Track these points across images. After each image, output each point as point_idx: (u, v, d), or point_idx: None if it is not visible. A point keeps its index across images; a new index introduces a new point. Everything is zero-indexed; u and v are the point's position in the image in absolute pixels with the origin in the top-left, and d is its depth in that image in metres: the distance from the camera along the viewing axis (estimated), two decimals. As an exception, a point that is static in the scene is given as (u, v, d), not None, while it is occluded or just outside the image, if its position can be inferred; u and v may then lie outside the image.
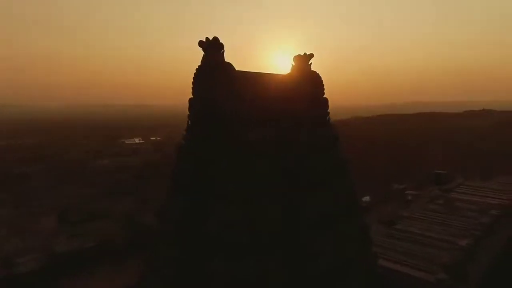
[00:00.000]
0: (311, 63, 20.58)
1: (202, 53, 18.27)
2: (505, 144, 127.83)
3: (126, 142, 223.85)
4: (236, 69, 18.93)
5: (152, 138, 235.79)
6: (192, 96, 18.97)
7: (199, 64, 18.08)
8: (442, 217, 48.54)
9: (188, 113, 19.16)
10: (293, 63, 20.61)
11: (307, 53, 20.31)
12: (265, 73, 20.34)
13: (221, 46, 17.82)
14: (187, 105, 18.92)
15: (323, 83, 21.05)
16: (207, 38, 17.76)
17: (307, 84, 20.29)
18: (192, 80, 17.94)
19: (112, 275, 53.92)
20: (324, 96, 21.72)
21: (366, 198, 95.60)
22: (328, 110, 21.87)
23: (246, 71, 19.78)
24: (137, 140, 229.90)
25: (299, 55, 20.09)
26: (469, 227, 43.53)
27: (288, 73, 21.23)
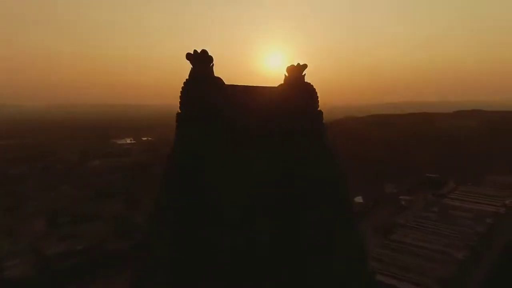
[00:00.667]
0: (304, 74, 20.09)
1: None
2: (495, 144, 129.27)
3: (118, 142, 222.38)
4: (227, 79, 18.69)
5: (143, 138, 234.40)
6: (179, 111, 18.45)
7: (187, 78, 17.54)
8: (437, 226, 47.85)
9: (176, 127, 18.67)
10: (286, 74, 20.09)
11: (301, 63, 19.79)
12: (255, 86, 20.03)
13: (210, 59, 17.31)
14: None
15: (317, 95, 20.61)
16: (195, 51, 17.32)
17: (299, 96, 19.97)
18: (180, 94, 17.42)
19: (113, 279, 53.19)
20: (319, 109, 21.33)
21: (359, 198, 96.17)
22: (323, 122, 21.56)
23: (236, 85, 19.46)
24: (128, 140, 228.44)
25: (292, 65, 19.60)
26: (464, 237, 43.08)
27: (280, 85, 20.88)
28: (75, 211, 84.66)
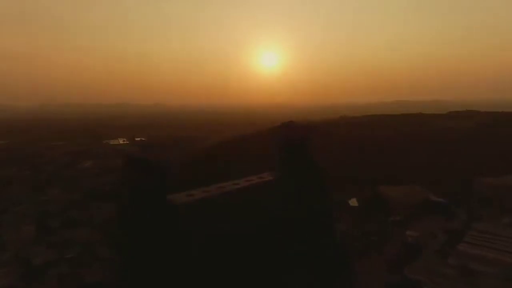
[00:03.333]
0: (306, 137, 17.39)
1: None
2: (490, 145, 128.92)
3: (111, 142, 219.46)
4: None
5: (137, 139, 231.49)
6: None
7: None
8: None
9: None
10: (281, 133, 17.40)
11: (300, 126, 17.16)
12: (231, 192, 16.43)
13: (154, 171, 12.93)
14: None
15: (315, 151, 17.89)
16: (129, 156, 13.97)
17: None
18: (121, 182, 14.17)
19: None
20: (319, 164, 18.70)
21: (353, 201, 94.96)
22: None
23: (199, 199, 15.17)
24: (121, 141, 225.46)
25: (290, 122, 16.87)
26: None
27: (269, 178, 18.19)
28: (65, 216, 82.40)
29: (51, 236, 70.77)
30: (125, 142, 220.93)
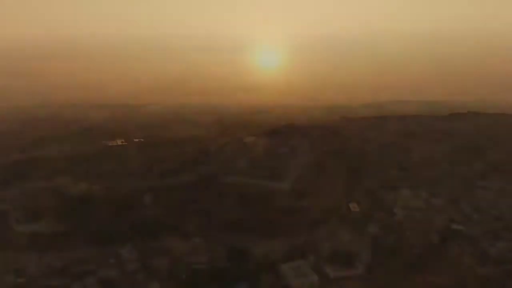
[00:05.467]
0: None
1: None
2: (489, 149, 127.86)
3: (109, 144, 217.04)
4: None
5: (135, 140, 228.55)
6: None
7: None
8: None
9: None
10: None
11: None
12: None
13: None
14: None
15: None
16: None
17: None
18: None
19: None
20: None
21: (354, 205, 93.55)
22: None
23: None
24: (119, 142, 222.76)
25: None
26: None
27: None
28: (61, 220, 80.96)
29: (46, 243, 69.48)
30: (123, 143, 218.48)
